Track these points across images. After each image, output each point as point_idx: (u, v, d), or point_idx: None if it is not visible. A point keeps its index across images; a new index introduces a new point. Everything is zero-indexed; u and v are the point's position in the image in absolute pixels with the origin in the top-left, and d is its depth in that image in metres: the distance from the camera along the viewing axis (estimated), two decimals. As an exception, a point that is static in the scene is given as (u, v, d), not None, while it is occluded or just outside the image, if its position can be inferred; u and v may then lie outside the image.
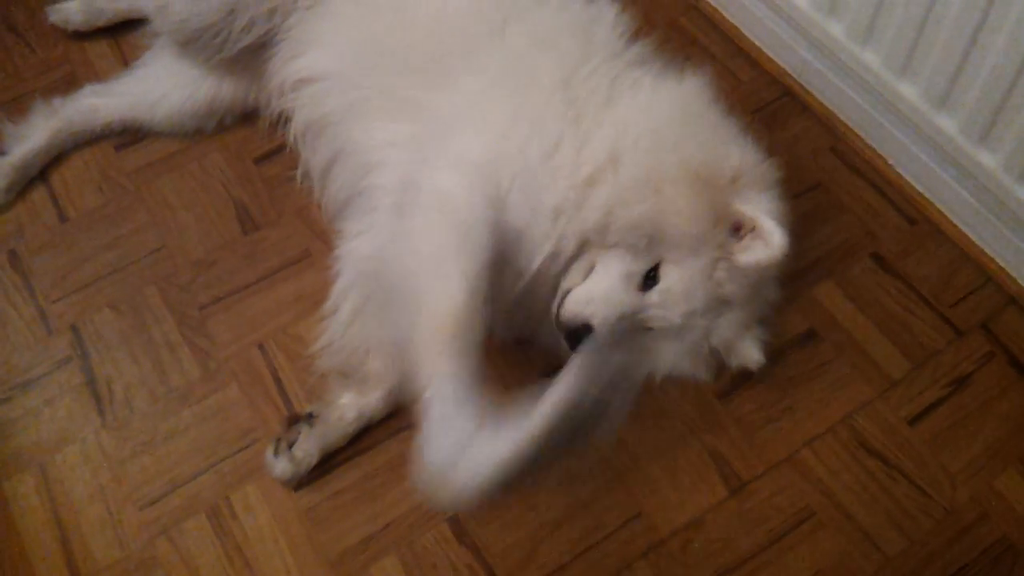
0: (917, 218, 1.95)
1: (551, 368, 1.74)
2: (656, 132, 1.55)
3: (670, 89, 1.65)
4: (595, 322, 1.51)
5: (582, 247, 1.55)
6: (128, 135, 2.09)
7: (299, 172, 1.93)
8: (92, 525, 1.64)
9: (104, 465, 1.69)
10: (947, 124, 1.78)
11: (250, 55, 1.92)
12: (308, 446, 1.64)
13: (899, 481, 1.66)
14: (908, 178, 1.97)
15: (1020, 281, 1.84)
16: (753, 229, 1.50)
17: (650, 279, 1.54)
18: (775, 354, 1.77)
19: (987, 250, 1.88)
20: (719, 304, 1.56)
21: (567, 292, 1.56)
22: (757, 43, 2.19)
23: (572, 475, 1.67)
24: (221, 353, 1.80)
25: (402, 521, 1.63)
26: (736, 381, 1.76)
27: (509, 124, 1.56)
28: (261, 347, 1.81)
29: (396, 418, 1.71)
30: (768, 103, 2.12)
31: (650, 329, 1.58)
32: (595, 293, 1.53)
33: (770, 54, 2.16)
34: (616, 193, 1.51)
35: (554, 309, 1.57)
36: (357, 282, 1.76)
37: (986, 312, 1.84)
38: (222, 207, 1.98)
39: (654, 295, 1.54)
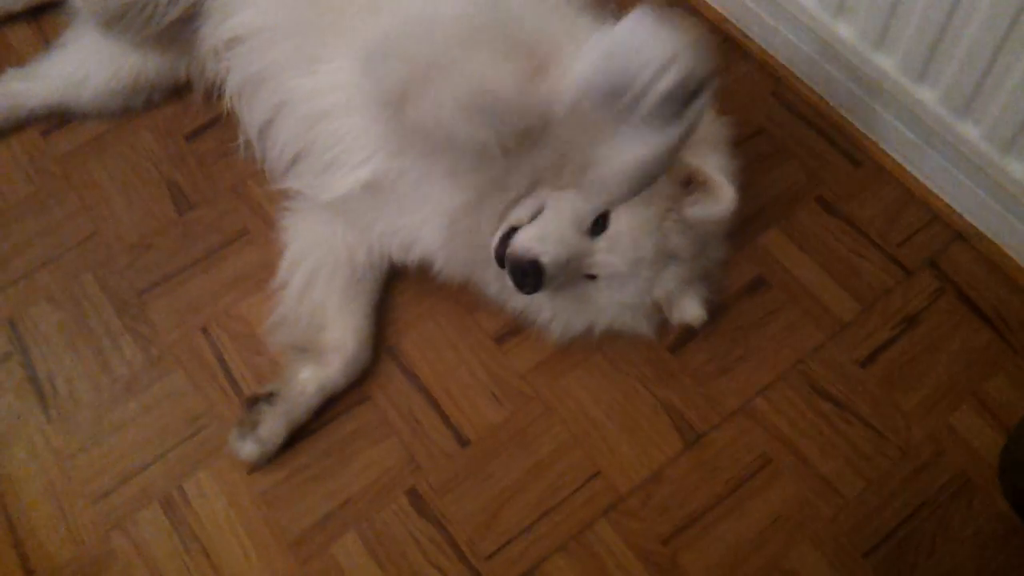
0: (861, 159, 1.94)
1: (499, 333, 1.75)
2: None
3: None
4: (545, 260, 1.49)
5: (533, 185, 1.53)
6: (54, 119, 2.02)
7: (240, 141, 1.86)
8: (45, 523, 1.60)
9: (52, 461, 1.66)
10: (886, 63, 1.76)
11: (177, 27, 1.85)
12: (273, 425, 1.62)
13: (854, 423, 1.67)
14: (851, 119, 1.95)
15: (966, 216, 1.85)
16: (704, 183, 1.50)
17: (599, 225, 1.52)
18: (724, 303, 1.77)
19: (932, 187, 1.88)
20: (665, 256, 1.56)
21: (512, 229, 1.53)
22: (693, -12, 2.16)
23: (526, 439, 1.66)
24: (164, 339, 1.76)
25: (360, 497, 1.61)
26: (687, 334, 1.75)
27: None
28: (204, 330, 1.77)
29: (347, 395, 1.69)
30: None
31: (593, 278, 1.57)
32: (547, 232, 1.50)
33: (709, 0, 2.13)
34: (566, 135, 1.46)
35: (494, 243, 1.54)
36: (306, 251, 1.73)
37: (933, 249, 1.84)
38: (155, 188, 1.93)
39: (602, 241, 1.53)
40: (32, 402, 1.71)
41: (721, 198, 1.49)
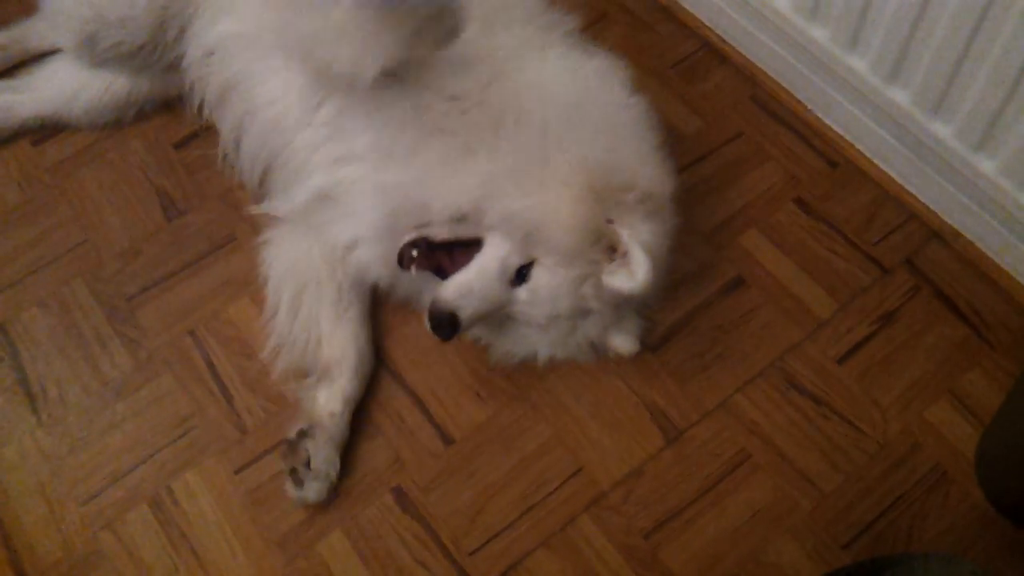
0: (838, 160, 1.98)
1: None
2: (556, 117, 1.54)
3: (580, 65, 1.63)
4: (463, 316, 1.52)
5: (460, 219, 1.55)
6: (46, 129, 2.05)
7: (220, 151, 1.90)
8: (35, 524, 1.63)
9: (43, 463, 1.68)
10: (858, 64, 1.80)
11: (167, 54, 1.90)
12: (324, 454, 1.62)
13: (831, 419, 1.69)
14: (828, 122, 1.99)
15: (941, 216, 1.88)
16: (625, 255, 1.49)
17: (521, 275, 1.54)
18: (704, 302, 1.81)
19: (908, 187, 1.91)
20: (583, 312, 1.58)
21: (422, 238, 1.56)
22: (674, -4, 2.20)
23: (509, 437, 1.69)
24: (152, 343, 1.79)
25: (345, 496, 1.64)
26: (667, 332, 1.78)
27: None
28: (192, 334, 1.79)
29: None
30: (687, 55, 2.13)
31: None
32: (472, 286, 1.53)
33: (687, 7, 2.16)
34: (494, 176, 1.50)
35: (400, 244, 1.57)
36: (287, 274, 1.75)
37: (910, 248, 1.87)
38: (144, 195, 1.96)
39: (522, 292, 1.55)
40: (23, 405, 1.73)
41: (636, 275, 1.47)
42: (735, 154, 1.99)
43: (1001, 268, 1.81)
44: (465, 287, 1.53)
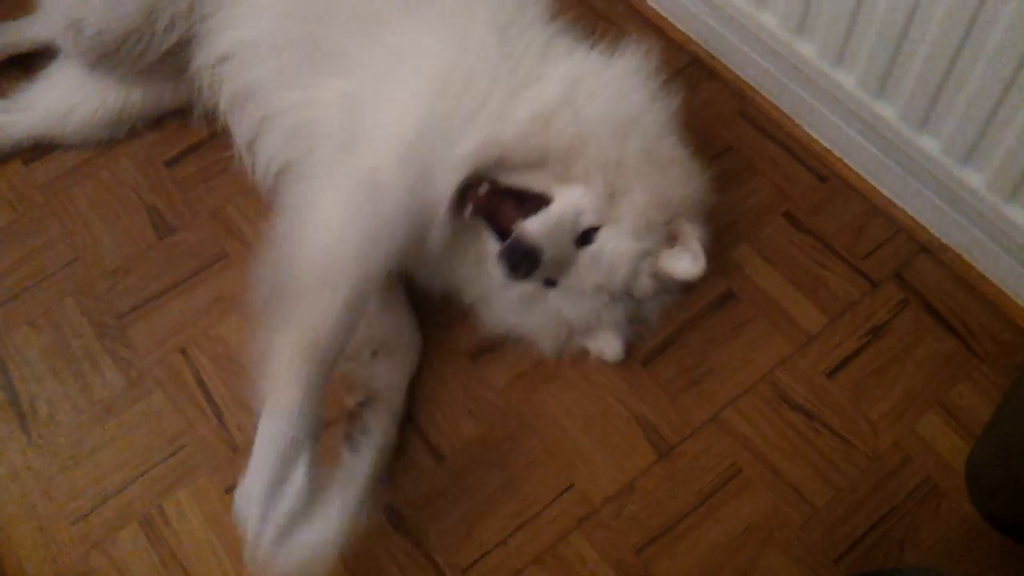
0: (827, 175, 1.99)
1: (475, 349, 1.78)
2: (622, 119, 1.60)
3: (623, 68, 1.68)
4: (545, 254, 1.51)
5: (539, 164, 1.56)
6: (37, 149, 2.05)
7: (235, 154, 1.90)
8: (25, 544, 1.62)
9: (33, 483, 1.68)
10: (846, 79, 1.81)
11: (167, 57, 1.89)
12: (384, 425, 1.63)
13: (822, 432, 1.70)
14: (816, 136, 2.00)
15: (930, 229, 1.89)
16: (685, 246, 1.60)
17: (587, 237, 1.57)
18: (695, 317, 1.81)
19: (896, 201, 1.92)
20: (626, 291, 1.62)
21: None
22: (662, 12, 2.21)
23: (501, 453, 1.69)
24: (143, 361, 1.79)
25: (337, 513, 1.64)
26: (658, 347, 1.78)
27: (444, 81, 1.56)
28: (183, 352, 1.79)
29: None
30: (676, 71, 2.14)
31: (553, 284, 1.62)
32: (555, 226, 1.53)
33: (675, 22, 2.18)
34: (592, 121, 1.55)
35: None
36: None
37: (898, 261, 1.88)
38: (135, 213, 1.96)
39: (585, 254, 1.57)
40: (13, 424, 1.73)
41: (694, 265, 1.60)
42: (724, 169, 1.99)
43: (989, 281, 1.82)
44: (550, 226, 1.53)
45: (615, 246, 1.57)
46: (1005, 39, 1.48)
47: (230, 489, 1.63)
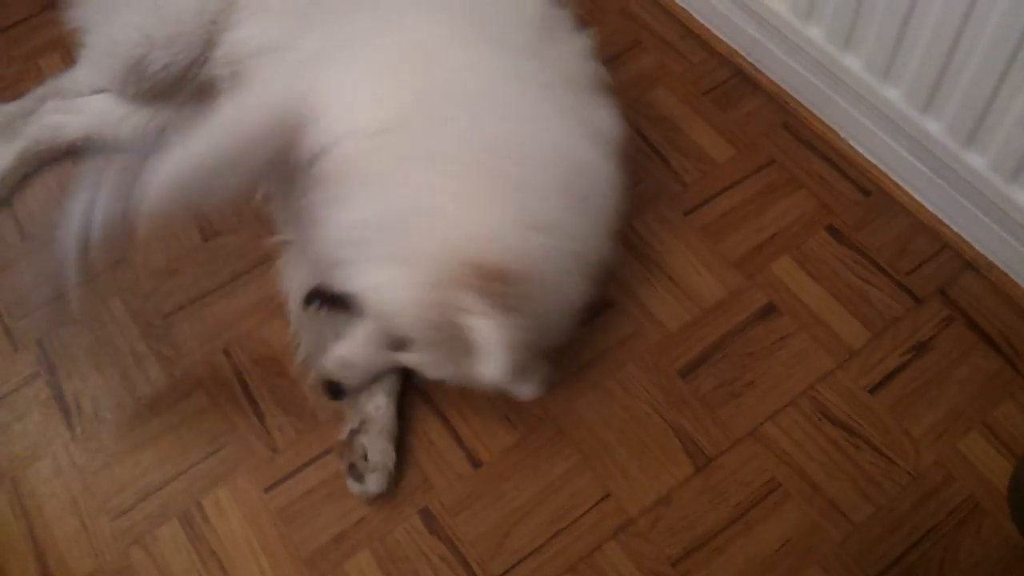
0: (871, 189, 1.97)
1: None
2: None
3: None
4: (347, 385, 1.57)
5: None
6: (87, 151, 2.09)
7: None
8: (66, 537, 1.64)
9: (75, 477, 1.70)
10: (892, 94, 1.80)
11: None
12: (379, 446, 1.64)
13: (863, 449, 1.68)
14: (860, 150, 1.99)
15: (975, 246, 1.87)
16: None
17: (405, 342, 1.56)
18: (734, 330, 1.80)
19: (941, 217, 1.90)
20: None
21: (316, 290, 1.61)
22: (707, 25, 2.20)
23: (537, 461, 1.69)
24: (186, 360, 1.81)
25: (374, 516, 1.64)
26: (697, 359, 1.78)
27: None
28: (226, 352, 1.82)
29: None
30: (720, 83, 2.14)
31: None
32: (352, 358, 1.56)
33: (719, 35, 2.18)
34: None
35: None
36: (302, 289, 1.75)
37: (943, 278, 1.86)
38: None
39: (410, 356, 1.56)
40: (58, 420, 1.76)
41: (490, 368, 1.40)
42: (767, 182, 1.99)
43: (1036, 300, 1.80)
44: (345, 360, 1.56)
45: (424, 357, 1.53)
46: (1057, 55, 1.46)
47: (269, 488, 1.68)
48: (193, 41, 1.84)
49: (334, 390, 1.58)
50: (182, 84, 1.92)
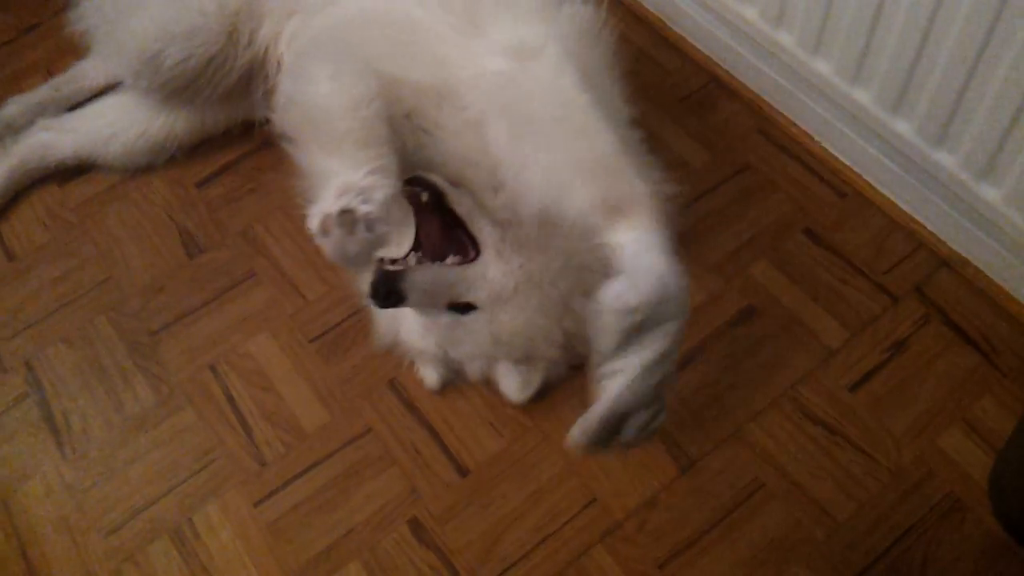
0: (846, 191, 2.00)
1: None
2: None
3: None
4: (409, 299, 1.51)
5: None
6: (73, 170, 2.10)
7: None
8: (58, 556, 1.66)
9: (66, 496, 1.72)
10: (862, 96, 1.83)
11: (241, 77, 1.93)
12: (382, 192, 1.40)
13: (844, 447, 1.70)
14: (834, 153, 2.02)
15: (950, 244, 1.89)
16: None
17: (464, 308, 1.58)
18: (716, 332, 1.83)
19: (916, 216, 1.93)
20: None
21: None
22: (681, 32, 2.23)
23: (524, 467, 1.71)
24: (174, 377, 1.83)
25: (363, 527, 1.66)
26: (680, 363, 1.77)
27: None
28: (213, 368, 1.83)
29: (349, 428, 1.75)
30: (696, 90, 2.17)
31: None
32: (429, 284, 1.52)
33: (694, 42, 2.21)
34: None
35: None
36: None
37: (919, 276, 1.89)
38: (166, 233, 2.01)
39: (458, 321, 1.59)
40: (47, 439, 1.77)
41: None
42: (744, 186, 2.01)
43: (1010, 295, 1.82)
44: (423, 282, 1.51)
45: (509, 319, 1.55)
46: (1021, 55, 1.49)
47: (259, 503, 1.68)
48: (215, 33, 1.83)
49: (389, 299, 1.49)
50: (200, 82, 1.90)
